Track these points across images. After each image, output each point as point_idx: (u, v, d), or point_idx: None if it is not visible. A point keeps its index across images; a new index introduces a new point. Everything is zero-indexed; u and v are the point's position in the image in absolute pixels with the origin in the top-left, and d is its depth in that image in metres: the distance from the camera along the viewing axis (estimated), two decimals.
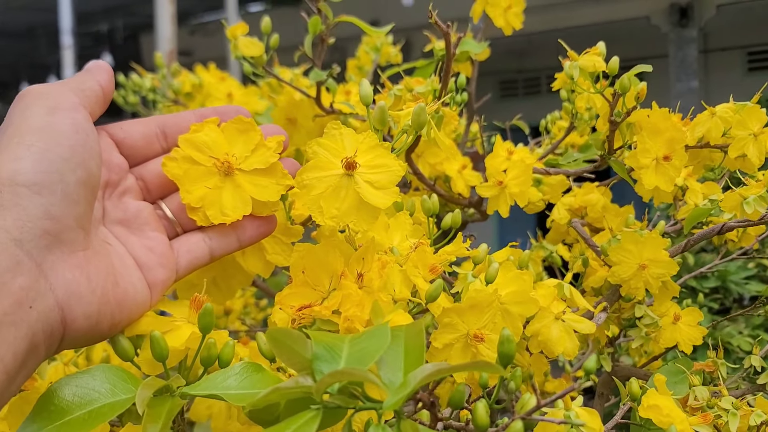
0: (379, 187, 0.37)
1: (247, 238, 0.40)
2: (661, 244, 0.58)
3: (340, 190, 0.37)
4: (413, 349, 0.30)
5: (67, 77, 2.80)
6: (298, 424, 0.25)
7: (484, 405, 0.32)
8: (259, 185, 0.39)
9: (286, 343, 0.27)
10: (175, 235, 0.40)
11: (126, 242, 0.37)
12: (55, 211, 0.31)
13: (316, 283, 0.38)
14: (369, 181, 0.38)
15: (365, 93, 0.41)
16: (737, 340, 1.61)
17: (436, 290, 0.40)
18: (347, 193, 0.37)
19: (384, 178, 0.38)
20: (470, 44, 0.85)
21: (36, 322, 0.29)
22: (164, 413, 0.28)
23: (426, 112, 0.40)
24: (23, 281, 0.29)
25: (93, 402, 0.29)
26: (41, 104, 0.33)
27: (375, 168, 0.38)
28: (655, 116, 0.57)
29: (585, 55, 0.56)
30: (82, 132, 0.34)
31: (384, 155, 0.38)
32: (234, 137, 0.40)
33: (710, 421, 0.48)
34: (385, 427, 0.26)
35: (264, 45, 0.62)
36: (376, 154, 0.38)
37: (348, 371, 0.25)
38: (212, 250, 0.39)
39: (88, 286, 0.32)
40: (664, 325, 0.63)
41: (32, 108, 0.33)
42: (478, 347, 0.42)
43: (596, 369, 0.79)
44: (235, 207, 0.38)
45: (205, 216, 0.38)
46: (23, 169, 0.31)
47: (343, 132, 0.38)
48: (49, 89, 0.35)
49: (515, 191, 0.62)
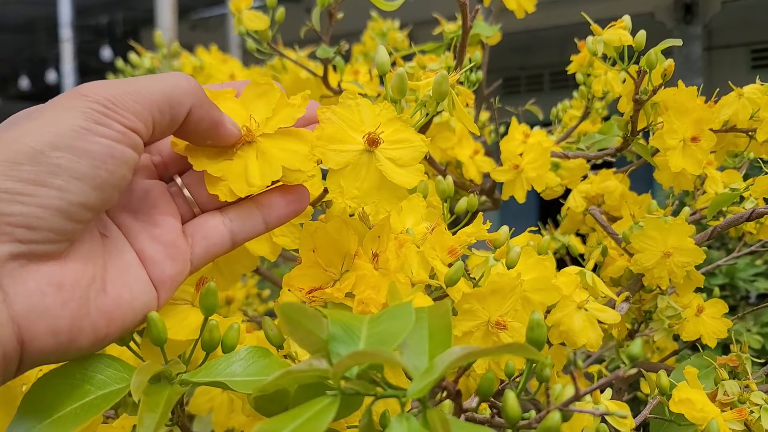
0: (402, 164, 0.34)
1: (275, 218, 0.35)
2: (687, 231, 0.55)
3: (360, 167, 0.33)
4: (438, 332, 0.27)
5: (66, 71, 2.75)
6: (313, 411, 0.22)
7: (514, 396, 0.29)
8: (289, 150, 0.34)
9: (300, 322, 0.24)
10: (191, 217, 0.34)
11: (129, 232, 0.32)
12: (37, 223, 0.26)
13: (327, 263, 0.35)
14: (391, 158, 0.34)
15: (382, 60, 0.38)
16: (746, 338, 1.58)
17: (457, 273, 0.37)
18: (368, 172, 0.33)
19: (407, 154, 0.34)
20: (481, 27, 0.82)
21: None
22: (163, 402, 0.25)
23: (447, 81, 0.37)
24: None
25: (85, 394, 0.26)
26: (90, 117, 0.28)
27: (396, 143, 0.34)
28: (681, 95, 0.54)
29: (610, 28, 0.53)
30: (116, 162, 0.28)
31: (404, 129, 0.35)
32: (253, 103, 0.35)
33: (745, 417, 0.45)
34: (410, 417, 0.23)
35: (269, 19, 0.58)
36: (396, 128, 0.35)
37: (370, 353, 0.22)
38: (234, 235, 0.34)
39: (58, 298, 0.27)
40: (687, 317, 0.60)
41: (77, 117, 0.28)
42: (500, 335, 0.39)
43: (607, 365, 0.76)
44: (263, 175, 0.33)
45: (229, 190, 0.33)
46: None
47: (360, 102, 0.35)
48: (111, 102, 0.29)
49: (532, 175, 0.59)
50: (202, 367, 0.29)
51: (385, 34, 1.05)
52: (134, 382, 0.25)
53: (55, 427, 0.24)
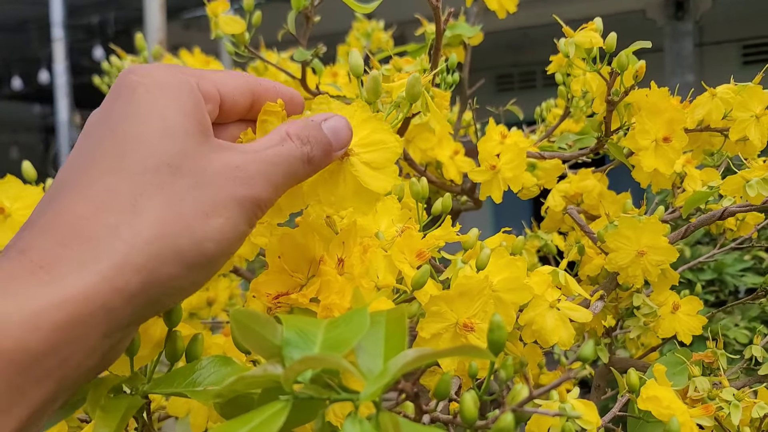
0: (377, 167, 0.34)
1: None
2: (661, 230, 0.56)
3: (336, 175, 0.34)
4: (394, 335, 0.27)
5: (58, 71, 2.72)
6: (264, 416, 0.23)
7: (473, 396, 0.29)
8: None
9: (253, 328, 0.24)
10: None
11: None
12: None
13: (293, 269, 0.36)
14: (366, 162, 0.34)
15: (355, 63, 0.38)
16: (733, 333, 1.59)
17: (423, 276, 0.38)
18: (344, 178, 0.34)
19: (382, 156, 0.34)
20: (463, 27, 0.83)
21: None
22: (120, 415, 0.26)
23: (420, 83, 0.38)
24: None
25: None
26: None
27: (370, 146, 0.34)
28: (654, 96, 0.55)
29: (581, 31, 0.54)
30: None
31: (380, 129, 0.35)
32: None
33: (712, 413, 0.45)
34: (362, 420, 0.24)
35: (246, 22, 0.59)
36: (372, 129, 0.34)
37: (320, 357, 0.23)
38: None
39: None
40: (662, 315, 0.61)
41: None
42: (468, 337, 0.40)
43: (593, 360, 0.77)
44: None
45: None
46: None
47: (332, 106, 0.35)
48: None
49: (509, 176, 0.60)
50: (163, 378, 0.29)
51: (369, 35, 1.06)
52: (90, 397, 0.25)
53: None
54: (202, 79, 0.31)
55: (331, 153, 0.32)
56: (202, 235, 0.27)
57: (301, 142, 0.31)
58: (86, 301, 0.24)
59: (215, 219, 0.28)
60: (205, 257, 0.28)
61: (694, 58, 4.57)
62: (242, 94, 0.33)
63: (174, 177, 0.27)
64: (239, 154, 0.30)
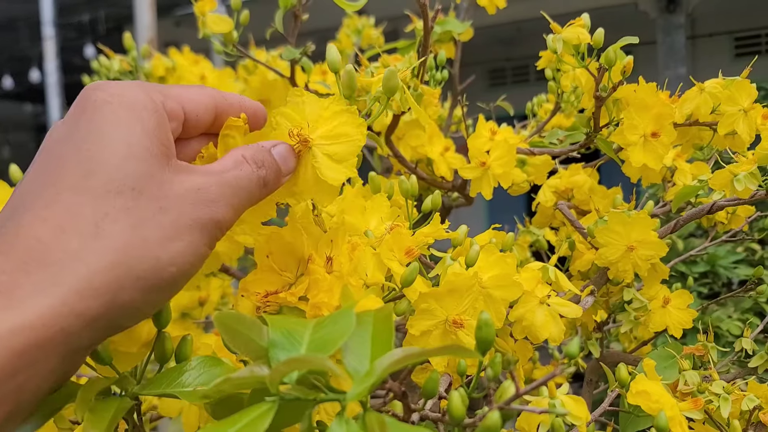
0: (338, 159, 0.34)
1: None
2: (650, 225, 0.56)
3: (299, 164, 0.35)
4: (381, 335, 0.27)
5: (50, 70, 2.71)
6: (251, 417, 0.23)
7: (461, 395, 0.29)
8: None
9: (239, 330, 0.24)
10: None
11: None
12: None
13: (282, 267, 0.36)
14: (328, 154, 0.34)
15: (332, 59, 0.38)
16: (726, 325, 1.60)
17: (412, 274, 0.38)
18: (306, 168, 0.34)
19: (344, 149, 0.34)
20: (453, 23, 0.83)
21: None
22: (109, 416, 0.26)
23: (396, 76, 0.38)
24: None
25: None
26: None
27: (335, 138, 0.34)
28: (642, 91, 0.55)
29: (568, 27, 0.54)
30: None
31: (348, 122, 0.35)
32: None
33: (701, 407, 0.46)
34: (349, 420, 0.24)
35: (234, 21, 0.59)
36: (340, 122, 0.35)
37: (304, 358, 0.23)
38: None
39: None
40: (653, 309, 0.61)
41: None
42: (458, 334, 0.40)
43: (584, 355, 0.78)
44: None
45: None
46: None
47: (305, 99, 0.35)
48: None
49: (498, 172, 0.60)
50: (153, 379, 0.30)
51: (360, 32, 1.06)
52: (79, 398, 0.25)
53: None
54: (167, 98, 0.31)
55: (281, 177, 0.33)
56: (165, 260, 0.27)
57: (257, 165, 0.32)
58: (45, 327, 0.24)
59: (177, 243, 0.28)
60: (166, 281, 0.28)
61: (687, 51, 4.58)
62: (206, 110, 0.33)
63: (137, 200, 0.27)
64: (201, 177, 0.30)
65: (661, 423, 0.39)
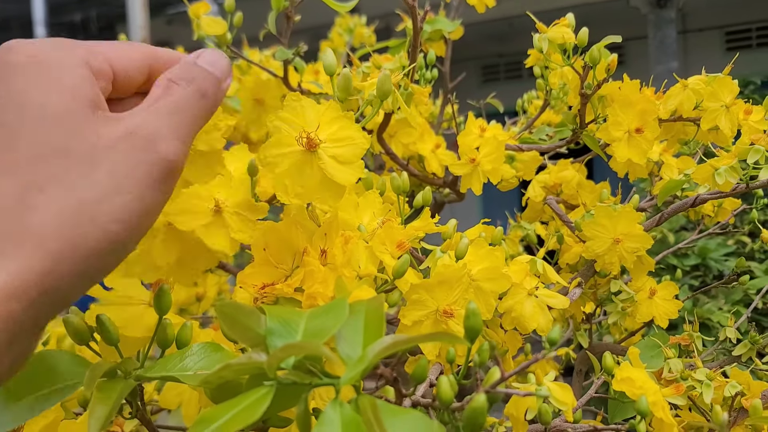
0: (343, 161, 0.36)
1: None
2: (635, 218, 0.58)
3: (304, 166, 0.35)
4: (373, 323, 0.29)
5: None
6: (250, 400, 0.24)
7: (450, 380, 0.31)
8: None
9: (238, 318, 0.26)
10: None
11: None
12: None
13: (278, 260, 0.37)
14: (333, 156, 0.36)
15: (329, 62, 0.40)
16: (717, 316, 1.62)
17: (403, 266, 0.39)
18: (312, 170, 0.35)
19: (349, 151, 0.36)
20: (443, 22, 0.84)
21: None
22: (115, 396, 0.27)
23: (390, 81, 0.39)
24: None
25: (40, 387, 0.28)
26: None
27: (339, 141, 0.36)
28: (626, 88, 0.56)
29: (554, 26, 0.56)
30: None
31: (348, 126, 0.36)
32: None
33: (682, 392, 0.47)
34: (342, 403, 0.25)
35: (228, 23, 0.60)
36: (341, 126, 0.36)
37: (301, 345, 0.24)
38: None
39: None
40: (640, 300, 0.63)
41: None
42: (448, 323, 0.41)
43: (575, 346, 0.79)
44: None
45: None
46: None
47: (304, 104, 0.36)
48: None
49: (488, 168, 0.62)
50: (155, 363, 0.31)
51: (352, 30, 1.07)
52: (87, 377, 0.27)
53: (11, 415, 0.26)
54: (91, 54, 0.28)
55: (220, 83, 0.31)
56: (104, 220, 0.25)
57: (186, 82, 0.29)
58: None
59: (119, 197, 0.26)
60: (114, 242, 0.25)
61: (678, 46, 4.60)
62: (137, 68, 0.30)
63: (64, 162, 0.25)
64: (132, 119, 0.27)
65: (642, 407, 0.40)
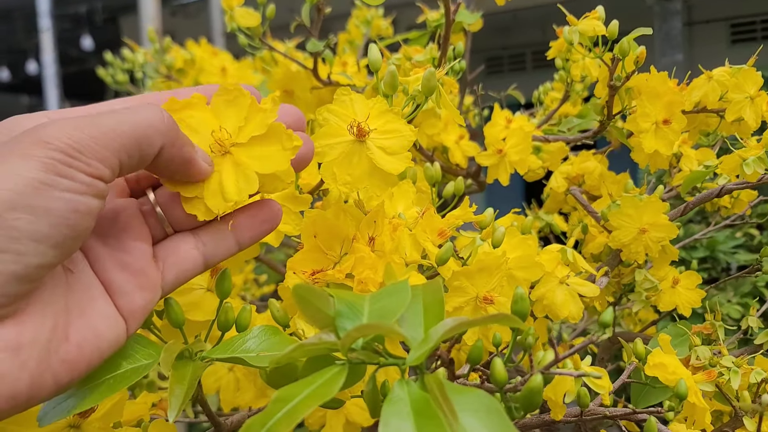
0: (391, 152, 0.37)
1: (248, 239, 0.33)
2: (661, 208, 0.59)
3: (352, 156, 0.37)
4: (432, 306, 0.30)
5: (47, 61, 2.67)
6: (324, 378, 0.25)
7: (502, 361, 0.32)
8: (263, 156, 0.32)
9: (310, 301, 0.27)
10: (163, 236, 0.32)
11: (96, 260, 0.30)
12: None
13: (327, 247, 0.38)
14: (381, 147, 0.37)
15: (375, 58, 0.41)
16: (726, 308, 1.63)
17: (446, 253, 0.40)
18: (360, 159, 0.37)
19: (396, 143, 0.37)
20: (464, 15, 0.85)
21: None
22: (188, 375, 0.28)
23: (435, 78, 0.40)
24: None
25: (117, 367, 0.29)
26: (51, 168, 0.25)
27: (387, 133, 0.37)
28: (653, 80, 0.57)
29: (584, 19, 0.56)
30: (80, 216, 0.26)
31: (395, 120, 0.38)
32: (223, 112, 0.33)
33: (714, 378, 0.48)
34: (410, 381, 0.26)
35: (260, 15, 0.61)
36: (387, 119, 0.38)
37: (374, 325, 0.25)
38: (206, 258, 0.32)
39: (16, 361, 0.25)
40: (663, 289, 0.64)
41: (36, 170, 0.25)
42: (488, 309, 0.42)
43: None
44: (239, 189, 0.32)
45: (206, 207, 0.32)
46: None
47: (353, 98, 0.38)
48: (75, 149, 0.26)
49: (515, 159, 0.63)
50: (219, 345, 0.32)
51: (369, 22, 1.07)
52: (163, 358, 0.28)
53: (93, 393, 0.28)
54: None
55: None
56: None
57: None
58: None
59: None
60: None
61: (683, 38, 4.60)
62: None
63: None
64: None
65: (682, 390, 0.41)
